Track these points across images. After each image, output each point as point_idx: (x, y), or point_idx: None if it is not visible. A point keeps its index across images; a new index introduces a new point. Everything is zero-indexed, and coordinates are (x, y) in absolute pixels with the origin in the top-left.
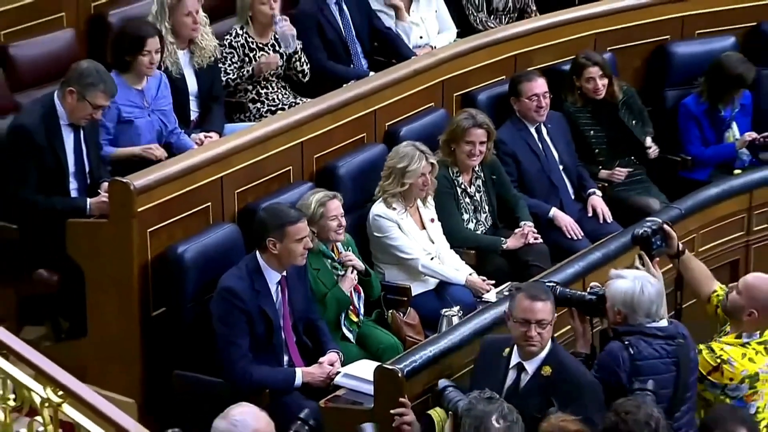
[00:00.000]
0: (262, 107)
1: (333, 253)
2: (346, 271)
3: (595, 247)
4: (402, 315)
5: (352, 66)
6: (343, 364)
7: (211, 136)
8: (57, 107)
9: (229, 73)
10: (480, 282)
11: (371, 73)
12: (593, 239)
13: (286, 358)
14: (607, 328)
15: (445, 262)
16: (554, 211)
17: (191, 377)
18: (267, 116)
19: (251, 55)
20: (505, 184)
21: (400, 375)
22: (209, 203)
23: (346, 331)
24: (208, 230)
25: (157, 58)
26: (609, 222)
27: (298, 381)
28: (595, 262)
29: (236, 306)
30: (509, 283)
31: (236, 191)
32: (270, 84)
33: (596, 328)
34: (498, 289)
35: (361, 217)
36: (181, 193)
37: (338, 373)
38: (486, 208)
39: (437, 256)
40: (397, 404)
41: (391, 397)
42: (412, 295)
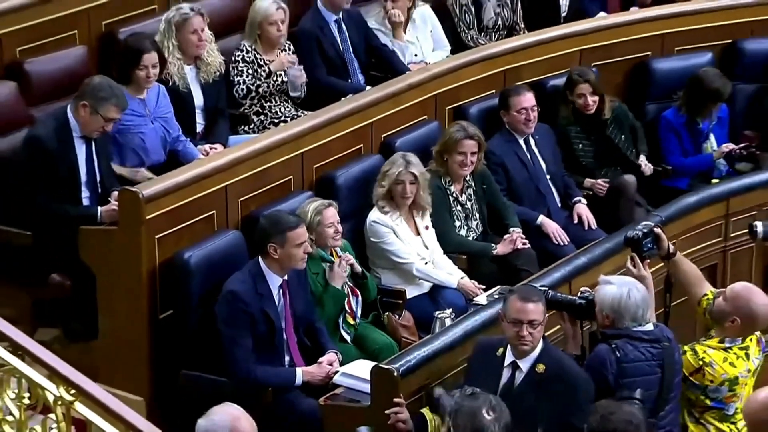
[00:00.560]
0: (265, 119)
1: (333, 257)
2: (332, 265)
3: (581, 252)
4: (397, 317)
5: (349, 81)
6: (342, 364)
7: (216, 147)
8: (70, 120)
9: (242, 83)
10: (471, 286)
11: (368, 87)
12: (578, 245)
13: (287, 358)
14: (596, 330)
15: (439, 267)
16: (542, 218)
17: (197, 376)
18: (269, 128)
19: (259, 71)
20: (495, 193)
21: (395, 374)
22: (214, 211)
23: (344, 332)
24: (213, 237)
25: (154, 72)
26: (593, 229)
27: (299, 380)
28: (580, 267)
29: (240, 308)
30: (499, 286)
31: (240, 200)
32: (273, 98)
33: (585, 327)
34: (488, 293)
35: (358, 223)
36: (187, 201)
37: (337, 372)
38: (477, 216)
39: (431, 261)
40: (392, 403)
41: (386, 395)
42: (407, 298)
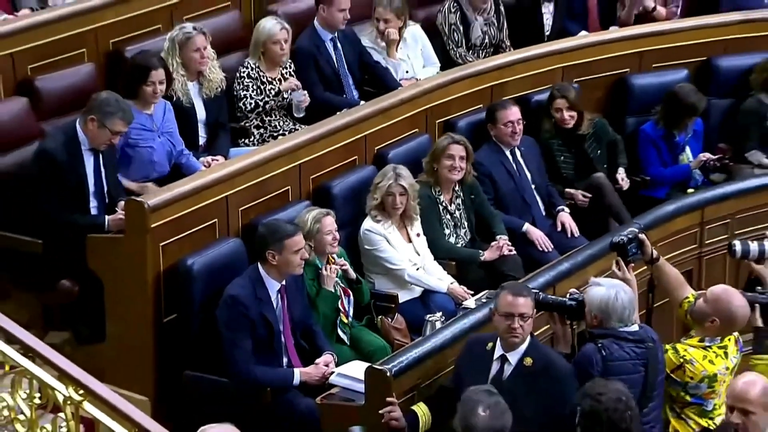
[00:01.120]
0: (265, 133)
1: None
2: (323, 269)
3: (564, 259)
4: (390, 320)
5: (344, 96)
6: (337, 365)
7: (217, 159)
8: (78, 133)
9: (250, 98)
10: (461, 290)
11: (362, 102)
12: (562, 251)
13: (285, 359)
14: (584, 330)
15: (429, 273)
16: (527, 226)
17: (200, 377)
18: (268, 141)
19: (262, 87)
20: (483, 203)
21: (388, 374)
22: (216, 220)
23: (341, 333)
24: (214, 244)
25: (161, 88)
26: (576, 236)
27: (297, 380)
28: (563, 272)
29: (240, 312)
30: (487, 291)
31: (240, 209)
32: (274, 113)
33: (573, 326)
34: (477, 297)
35: (353, 231)
36: (190, 210)
37: (333, 372)
38: (465, 224)
39: (422, 267)
40: (385, 402)
41: (380, 395)
42: (400, 302)
